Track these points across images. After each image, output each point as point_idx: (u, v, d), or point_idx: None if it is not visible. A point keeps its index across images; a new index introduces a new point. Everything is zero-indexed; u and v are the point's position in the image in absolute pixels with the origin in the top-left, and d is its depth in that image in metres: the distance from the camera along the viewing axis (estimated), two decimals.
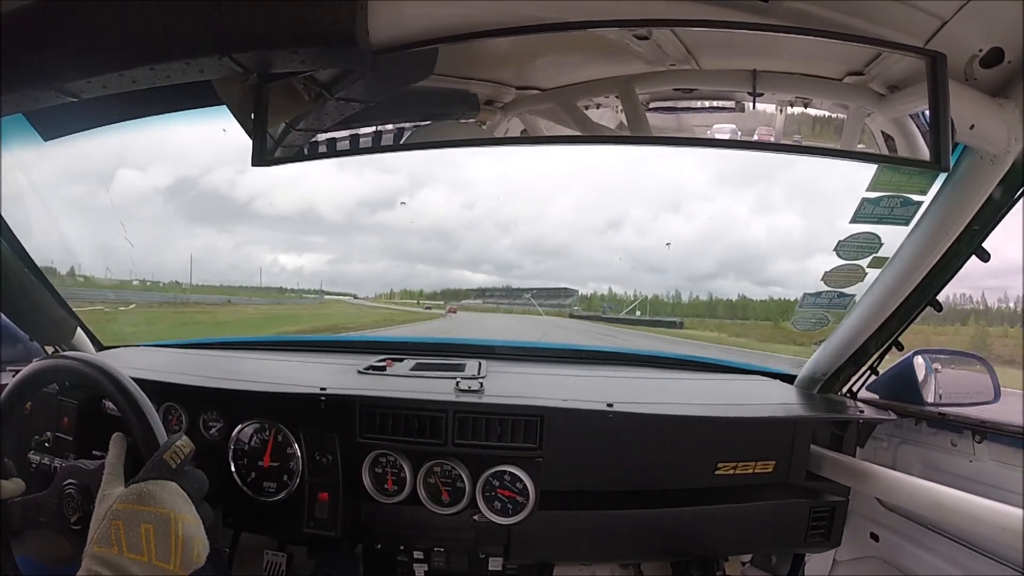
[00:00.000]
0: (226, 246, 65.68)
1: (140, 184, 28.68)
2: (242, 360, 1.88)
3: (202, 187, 61.79)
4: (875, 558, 1.63)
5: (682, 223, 30.51)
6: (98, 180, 2.71)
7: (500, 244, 65.49)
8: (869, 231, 1.22)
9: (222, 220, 74.23)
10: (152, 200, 41.10)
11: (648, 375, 1.92)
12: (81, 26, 0.85)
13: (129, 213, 2.79)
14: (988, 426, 1.36)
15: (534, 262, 32.51)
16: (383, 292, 29.36)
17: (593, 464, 1.42)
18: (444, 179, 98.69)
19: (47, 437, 1.38)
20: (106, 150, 1.10)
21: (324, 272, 67.13)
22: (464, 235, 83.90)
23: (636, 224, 45.17)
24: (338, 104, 1.04)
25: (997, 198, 1.11)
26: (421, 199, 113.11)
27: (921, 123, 0.94)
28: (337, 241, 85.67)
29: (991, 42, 0.91)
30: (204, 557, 0.81)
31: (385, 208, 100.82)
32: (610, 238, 49.66)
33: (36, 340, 1.65)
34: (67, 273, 2.52)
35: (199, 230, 64.85)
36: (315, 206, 77.03)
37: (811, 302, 1.43)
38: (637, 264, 24.65)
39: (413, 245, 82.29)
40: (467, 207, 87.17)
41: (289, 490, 1.39)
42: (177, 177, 45.80)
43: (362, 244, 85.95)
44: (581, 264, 39.57)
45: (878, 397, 1.59)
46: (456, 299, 29.21)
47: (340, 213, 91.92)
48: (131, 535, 0.75)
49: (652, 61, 0.97)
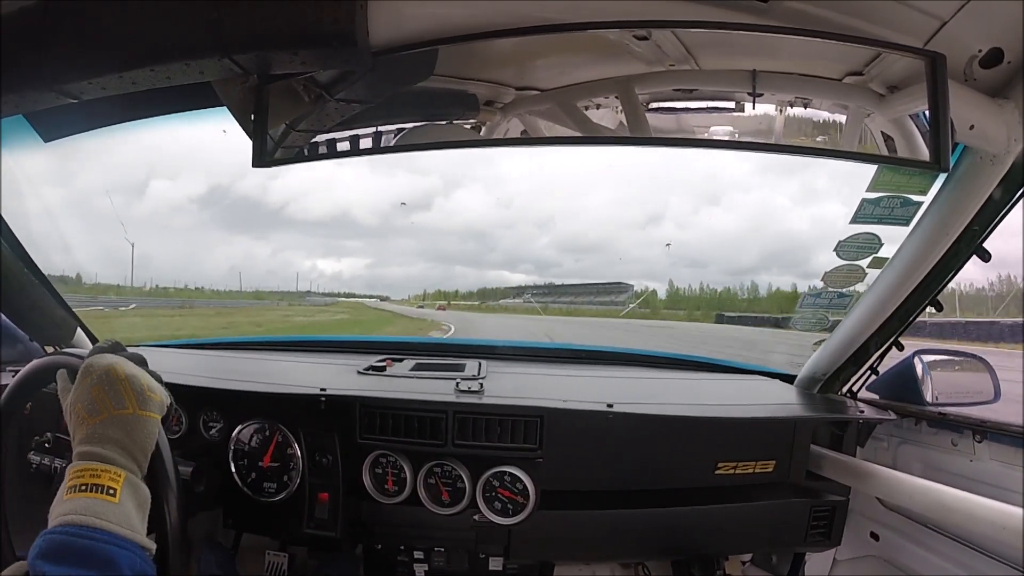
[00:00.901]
0: (256, 252, 66.13)
1: (173, 194, 28.84)
2: (242, 360, 1.88)
3: (234, 194, 62.42)
4: (875, 557, 1.63)
5: (724, 215, 29.94)
6: (133, 189, 2.72)
7: (538, 243, 65.33)
8: (869, 231, 1.22)
9: (255, 227, 74.88)
10: (185, 209, 41.42)
11: (648, 375, 1.92)
12: (81, 27, 0.85)
13: (163, 222, 2.78)
14: (988, 426, 1.36)
15: (573, 260, 32.39)
16: (417, 294, 28.75)
17: (593, 464, 1.42)
18: (479, 178, 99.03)
19: (47, 438, 1.37)
20: (118, 153, 1.11)
21: (363, 276, 67.52)
22: (501, 234, 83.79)
23: (677, 218, 44.53)
24: (338, 105, 1.04)
25: (997, 198, 1.11)
26: (456, 200, 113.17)
27: (921, 123, 0.94)
28: (374, 245, 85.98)
29: (990, 42, 0.91)
30: (162, 397, 0.89)
31: (420, 210, 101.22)
32: (649, 233, 49.38)
33: (36, 340, 1.65)
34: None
35: (235, 237, 65.41)
36: (349, 210, 77.33)
37: (811, 302, 1.44)
38: (678, 259, 23.96)
39: (450, 246, 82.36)
40: (503, 205, 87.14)
41: (289, 490, 1.39)
42: (209, 185, 46.14)
43: (399, 247, 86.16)
44: (621, 260, 39.31)
45: (878, 397, 1.59)
46: (494, 299, 27.71)
47: (375, 216, 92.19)
48: (87, 405, 0.81)
49: (652, 61, 0.97)
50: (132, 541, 0.72)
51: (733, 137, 1.03)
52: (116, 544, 0.70)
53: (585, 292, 25.09)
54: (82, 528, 0.69)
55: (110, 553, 0.69)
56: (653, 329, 17.85)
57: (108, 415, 0.80)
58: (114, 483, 0.74)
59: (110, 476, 0.75)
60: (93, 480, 0.74)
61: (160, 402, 0.87)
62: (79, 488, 0.73)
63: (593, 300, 23.69)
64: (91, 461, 0.76)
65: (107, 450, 0.77)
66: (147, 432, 0.83)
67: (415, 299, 26.81)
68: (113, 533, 0.71)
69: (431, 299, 26.47)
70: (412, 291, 32.84)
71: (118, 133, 1.20)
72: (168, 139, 1.41)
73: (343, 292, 27.52)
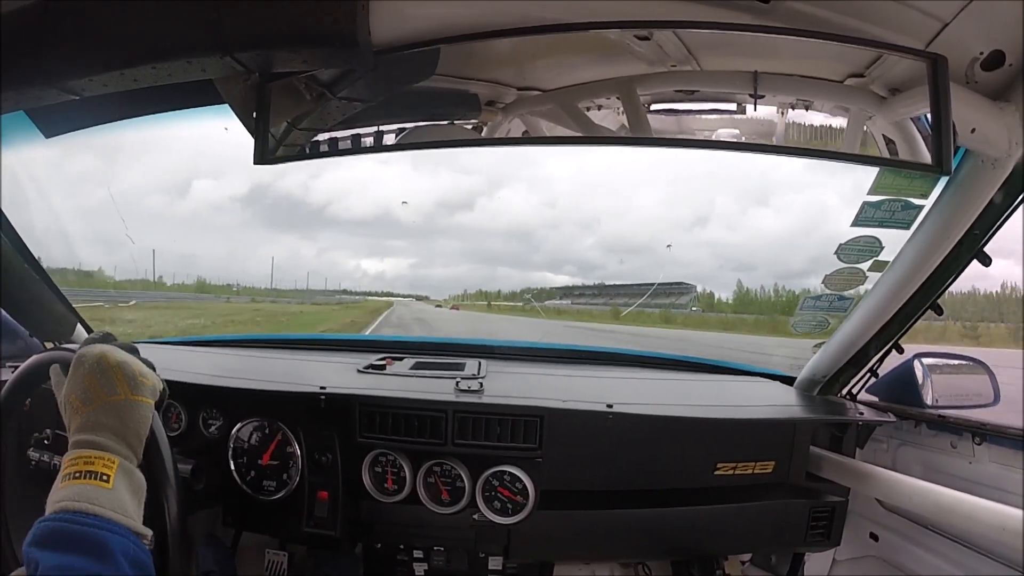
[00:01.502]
0: (301, 251, 66.22)
1: (216, 194, 28.80)
2: (242, 358, 1.88)
3: (275, 193, 62.44)
4: (875, 558, 1.64)
5: (773, 216, 27.24)
6: (176, 191, 2.72)
7: (582, 244, 63.82)
8: (870, 235, 1.22)
9: (297, 226, 74.85)
10: (228, 208, 41.47)
11: (648, 376, 1.92)
12: (83, 25, 0.85)
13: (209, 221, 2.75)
14: (988, 428, 1.36)
15: (617, 261, 31.31)
16: (457, 294, 27.72)
17: (593, 464, 1.42)
18: (522, 178, 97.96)
19: (47, 434, 1.37)
20: (158, 151, 1.11)
21: (406, 276, 67.28)
22: (545, 235, 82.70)
23: (724, 218, 42.60)
24: (340, 104, 1.04)
25: (998, 202, 1.11)
26: (500, 199, 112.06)
27: (922, 126, 0.94)
28: (417, 245, 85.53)
29: (992, 45, 0.91)
30: (155, 382, 0.89)
31: (463, 210, 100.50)
32: (696, 234, 47.76)
33: (36, 336, 1.65)
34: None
35: (278, 236, 65.48)
36: (392, 209, 76.95)
37: (812, 304, 1.44)
38: (725, 261, 21.51)
39: (494, 247, 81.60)
40: (548, 205, 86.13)
41: (289, 489, 1.39)
42: (251, 184, 46.07)
43: (442, 248, 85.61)
44: (667, 262, 38.23)
45: (878, 399, 1.59)
46: (539, 299, 25.50)
47: (418, 215, 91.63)
48: (80, 394, 0.81)
49: (653, 62, 0.97)
50: (125, 526, 0.72)
51: (734, 138, 1.03)
52: (109, 529, 0.70)
53: (641, 294, 22.16)
54: (75, 514, 0.69)
55: (103, 538, 0.69)
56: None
57: (101, 402, 0.80)
58: (107, 469, 0.75)
59: (103, 463, 0.75)
60: (87, 467, 0.74)
61: (152, 387, 0.88)
62: (73, 476, 0.73)
63: (651, 303, 20.62)
64: (85, 449, 0.76)
65: (101, 437, 0.77)
66: (141, 417, 0.83)
67: (452, 299, 25.87)
68: (106, 518, 0.71)
69: (471, 299, 25.67)
70: (454, 292, 32.05)
71: (120, 130, 1.20)
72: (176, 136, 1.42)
73: (382, 291, 27.29)
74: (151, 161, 28.73)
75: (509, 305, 24.15)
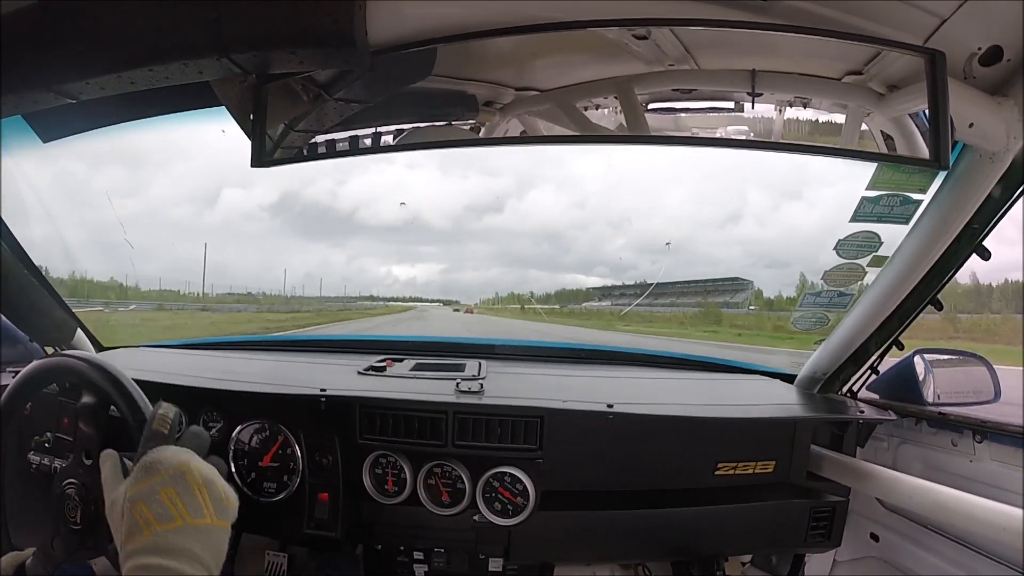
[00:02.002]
0: (331, 259, 65.81)
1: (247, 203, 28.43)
2: (242, 360, 1.88)
3: (303, 201, 61.78)
4: (875, 558, 1.63)
5: (807, 210, 25.66)
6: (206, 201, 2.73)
7: (613, 244, 61.83)
8: (869, 230, 1.22)
9: (325, 234, 74.12)
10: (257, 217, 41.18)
11: (648, 375, 1.91)
12: (79, 27, 0.85)
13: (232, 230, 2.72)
14: (988, 426, 1.36)
15: (649, 261, 30.39)
16: (489, 297, 26.63)
17: (593, 465, 1.42)
18: (551, 179, 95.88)
19: (47, 438, 1.38)
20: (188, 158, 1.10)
21: (436, 281, 66.57)
22: (575, 236, 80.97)
23: (756, 214, 40.58)
24: (337, 105, 1.04)
25: (997, 196, 1.11)
26: (529, 201, 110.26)
27: (920, 122, 0.94)
28: (447, 250, 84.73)
29: (990, 40, 0.91)
30: (235, 503, 0.79)
31: (493, 212, 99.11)
32: (729, 232, 45.85)
33: (36, 341, 1.65)
34: None
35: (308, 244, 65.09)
36: (420, 214, 76.11)
37: (811, 301, 1.43)
38: (758, 259, 18.97)
39: (524, 249, 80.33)
40: (578, 206, 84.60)
41: (289, 490, 1.39)
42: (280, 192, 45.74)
43: (472, 252, 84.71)
44: (699, 261, 36.58)
45: (878, 397, 1.59)
46: (576, 301, 23.24)
47: (447, 220, 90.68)
48: (155, 508, 0.70)
49: (651, 61, 0.97)
50: None
51: (733, 136, 1.03)
52: None
53: (689, 292, 18.58)
54: None
55: None
56: None
57: (183, 523, 0.70)
58: None
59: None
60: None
61: (234, 510, 0.78)
62: None
63: (701, 302, 17.96)
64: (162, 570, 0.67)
65: (181, 563, 0.67)
66: (222, 543, 0.74)
67: (484, 303, 25.04)
68: None
69: (503, 303, 24.86)
70: (485, 296, 31.05)
71: (117, 133, 1.20)
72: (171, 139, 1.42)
73: (409, 296, 26.57)
74: (175, 170, 28.51)
75: (545, 308, 22.05)
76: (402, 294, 38.73)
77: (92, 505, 0.99)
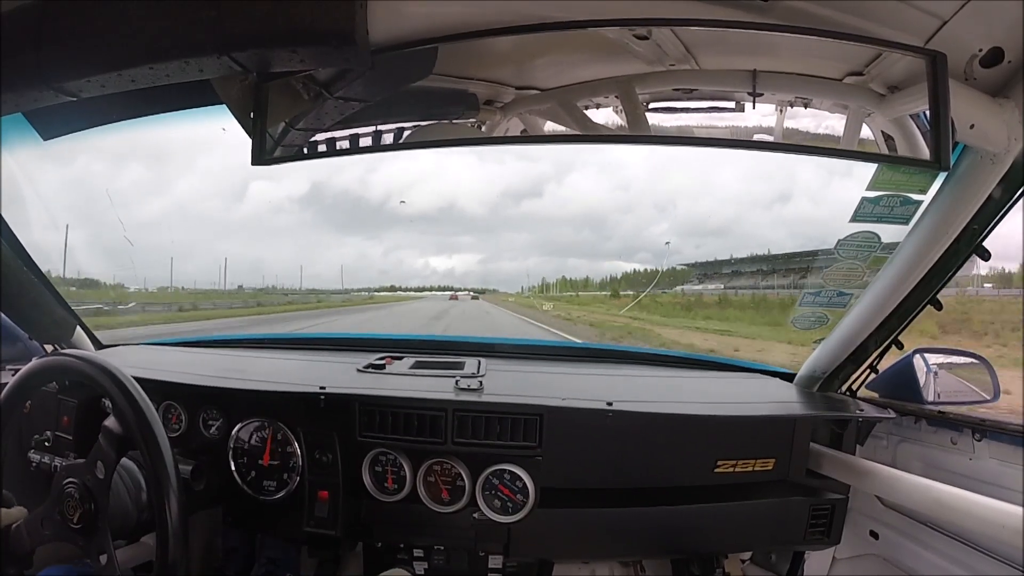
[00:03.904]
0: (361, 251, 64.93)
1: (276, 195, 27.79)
2: (242, 358, 1.88)
3: (333, 191, 60.57)
4: (875, 556, 1.64)
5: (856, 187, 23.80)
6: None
7: (657, 228, 59.38)
8: (869, 230, 1.22)
9: (357, 226, 72.77)
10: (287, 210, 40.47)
11: (647, 373, 1.92)
12: (80, 26, 0.85)
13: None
14: (988, 424, 1.36)
15: (694, 246, 28.72)
16: (533, 286, 25.48)
17: (593, 462, 1.42)
18: (591, 162, 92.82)
19: (47, 436, 1.38)
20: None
21: (475, 272, 65.70)
22: (618, 220, 78.46)
23: (808, 193, 38.61)
24: (337, 103, 1.04)
25: (997, 197, 1.11)
26: (569, 185, 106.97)
27: (921, 123, 0.94)
28: (485, 240, 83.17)
29: (991, 42, 0.91)
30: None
31: (532, 197, 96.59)
32: (777, 212, 43.90)
33: (35, 339, 1.65)
34: None
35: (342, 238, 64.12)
36: (456, 201, 74.61)
37: (811, 300, 1.44)
38: (806, 240, 16.76)
39: (564, 237, 78.00)
40: (621, 188, 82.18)
41: (289, 489, 1.39)
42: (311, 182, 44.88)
43: (509, 241, 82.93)
44: (745, 244, 34.75)
45: (878, 395, 1.59)
46: (666, 284, 20.24)
47: (483, 207, 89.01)
48: None
49: (652, 61, 0.97)
50: None
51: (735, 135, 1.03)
52: None
53: (780, 270, 13.24)
54: None
55: None
56: None
57: None
58: None
59: None
60: None
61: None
62: None
63: (788, 284, 12.44)
64: None
65: None
66: None
67: (531, 292, 23.95)
68: None
69: (558, 289, 23.60)
70: (528, 284, 29.81)
71: (117, 131, 1.20)
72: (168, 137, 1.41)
73: (438, 286, 25.66)
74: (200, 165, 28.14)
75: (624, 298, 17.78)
76: (442, 284, 37.69)
77: (91, 504, 1.00)
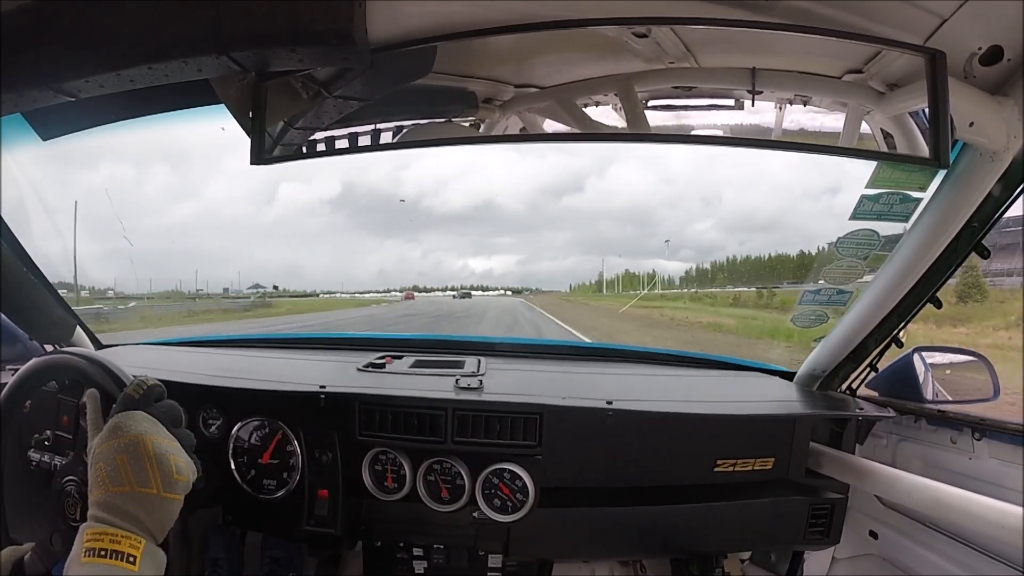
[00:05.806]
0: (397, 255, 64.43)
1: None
2: (241, 358, 1.88)
3: (363, 190, 59.86)
4: (874, 555, 1.64)
5: None
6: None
7: (701, 224, 56.91)
8: (868, 228, 1.22)
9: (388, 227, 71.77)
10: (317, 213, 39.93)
11: (647, 372, 1.91)
12: (79, 25, 0.85)
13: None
14: (988, 423, 1.36)
15: (738, 242, 28.32)
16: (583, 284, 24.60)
17: (593, 461, 1.43)
18: (634, 155, 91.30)
19: (47, 435, 1.38)
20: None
21: (514, 272, 65.37)
22: (663, 215, 76.81)
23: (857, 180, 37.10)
24: (336, 102, 1.04)
25: (996, 195, 1.11)
26: (612, 178, 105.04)
27: (920, 121, 0.94)
28: (524, 240, 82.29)
29: (990, 40, 0.91)
30: (189, 476, 0.83)
31: (573, 192, 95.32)
32: (826, 203, 42.13)
33: (35, 339, 1.65)
34: None
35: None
36: (493, 199, 73.93)
37: (810, 299, 1.44)
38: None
39: (607, 233, 76.69)
40: (666, 182, 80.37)
41: (289, 488, 1.39)
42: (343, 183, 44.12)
43: (549, 241, 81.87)
44: (790, 239, 33.69)
45: (877, 394, 1.59)
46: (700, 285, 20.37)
47: (521, 204, 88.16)
48: (111, 471, 0.76)
49: (651, 59, 0.97)
50: None
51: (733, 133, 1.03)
52: None
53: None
54: None
55: None
56: None
57: (130, 489, 0.76)
58: (134, 550, 0.72)
59: (130, 543, 0.72)
60: (112, 546, 0.71)
61: (187, 483, 0.82)
62: (97, 552, 0.71)
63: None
64: (110, 526, 0.73)
65: (125, 523, 0.74)
66: (168, 513, 0.79)
67: (574, 291, 22.94)
68: None
69: (582, 290, 22.55)
70: (565, 284, 28.44)
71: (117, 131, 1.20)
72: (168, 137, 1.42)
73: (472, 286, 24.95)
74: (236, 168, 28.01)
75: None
76: (482, 283, 37.09)
77: None
